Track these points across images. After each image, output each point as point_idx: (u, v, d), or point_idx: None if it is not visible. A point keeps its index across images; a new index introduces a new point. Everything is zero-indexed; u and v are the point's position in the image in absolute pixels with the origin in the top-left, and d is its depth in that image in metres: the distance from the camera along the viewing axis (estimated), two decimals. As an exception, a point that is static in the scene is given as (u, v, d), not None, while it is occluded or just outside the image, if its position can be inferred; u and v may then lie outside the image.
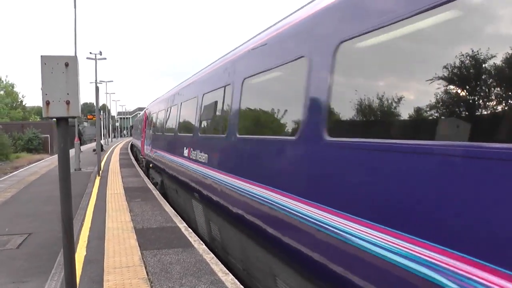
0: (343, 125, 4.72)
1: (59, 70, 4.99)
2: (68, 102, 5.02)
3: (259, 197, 6.32)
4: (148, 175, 22.67)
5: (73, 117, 5.25)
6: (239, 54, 8.46)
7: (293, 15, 6.26)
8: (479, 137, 3.07)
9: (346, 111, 4.66)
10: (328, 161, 4.64)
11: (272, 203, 5.84)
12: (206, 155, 9.78)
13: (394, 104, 3.96)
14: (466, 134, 3.25)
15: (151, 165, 21.45)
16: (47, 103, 4.97)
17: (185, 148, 12.27)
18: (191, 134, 11.68)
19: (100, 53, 46.62)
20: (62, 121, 5.17)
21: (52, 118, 5.12)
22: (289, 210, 5.32)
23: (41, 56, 4.95)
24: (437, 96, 3.48)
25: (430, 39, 3.65)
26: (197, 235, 10.12)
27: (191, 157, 11.33)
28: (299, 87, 5.31)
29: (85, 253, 8.43)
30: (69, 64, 5.03)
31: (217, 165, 8.83)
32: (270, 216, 5.96)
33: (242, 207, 7.10)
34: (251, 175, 6.80)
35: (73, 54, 27.31)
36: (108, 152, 43.62)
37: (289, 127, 6.04)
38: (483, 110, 3.16)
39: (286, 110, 6.41)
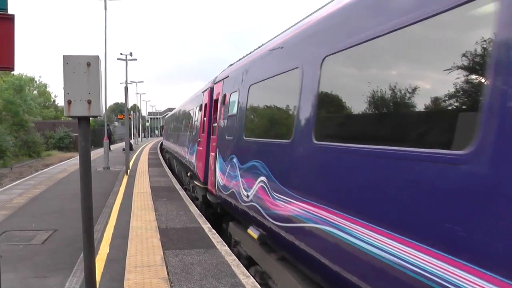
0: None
1: (81, 69, 5.03)
2: (89, 102, 5.06)
3: (178, 151, 23.03)
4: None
5: (95, 117, 5.30)
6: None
7: None
8: None
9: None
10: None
11: (177, 151, 23.45)
12: (173, 139, 28.13)
13: None
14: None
15: (165, 150, 39.47)
16: (69, 102, 5.03)
17: (170, 138, 31.94)
18: (172, 133, 30.66)
19: (131, 54, 47.16)
20: (83, 120, 5.21)
21: (73, 117, 5.16)
22: (178, 152, 22.87)
23: (63, 55, 5.00)
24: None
25: None
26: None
27: (170, 141, 30.44)
28: None
29: (107, 251, 8.50)
30: (91, 64, 5.06)
31: (174, 143, 26.33)
32: (182, 156, 20.10)
33: (181, 156, 20.80)
34: (177, 145, 24.17)
35: (103, 55, 28.00)
36: (138, 152, 44.09)
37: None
38: None
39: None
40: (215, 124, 11.79)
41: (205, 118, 13.58)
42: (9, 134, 42.62)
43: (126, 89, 25.12)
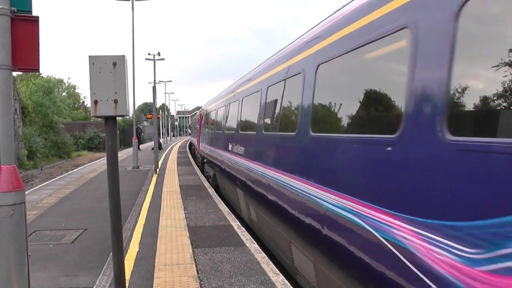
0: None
1: (107, 69, 5.04)
2: (116, 101, 5.07)
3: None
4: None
5: (121, 116, 5.32)
6: None
7: None
8: None
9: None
10: None
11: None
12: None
13: None
14: None
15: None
16: (95, 102, 5.05)
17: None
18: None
19: (159, 54, 47.66)
20: (110, 120, 5.24)
21: (100, 117, 5.19)
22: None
23: (89, 56, 5.02)
24: None
25: None
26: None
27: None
28: None
29: (137, 249, 8.56)
30: (117, 64, 5.07)
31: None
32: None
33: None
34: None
35: (131, 55, 28.30)
36: (167, 151, 44.43)
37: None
38: None
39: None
40: None
41: None
42: (39, 135, 43.36)
43: (154, 88, 25.33)
